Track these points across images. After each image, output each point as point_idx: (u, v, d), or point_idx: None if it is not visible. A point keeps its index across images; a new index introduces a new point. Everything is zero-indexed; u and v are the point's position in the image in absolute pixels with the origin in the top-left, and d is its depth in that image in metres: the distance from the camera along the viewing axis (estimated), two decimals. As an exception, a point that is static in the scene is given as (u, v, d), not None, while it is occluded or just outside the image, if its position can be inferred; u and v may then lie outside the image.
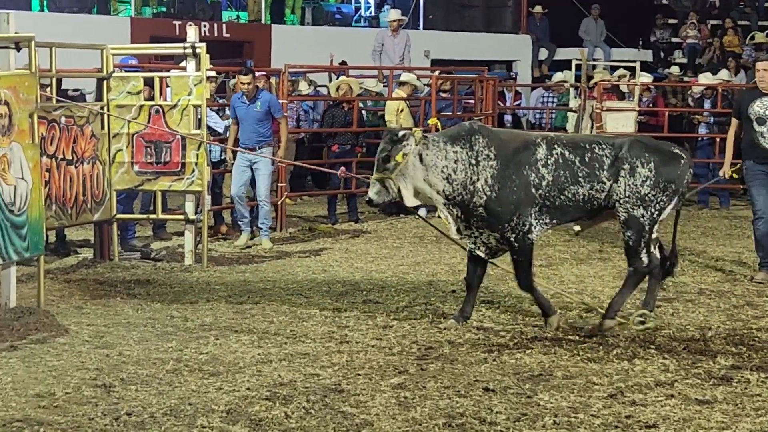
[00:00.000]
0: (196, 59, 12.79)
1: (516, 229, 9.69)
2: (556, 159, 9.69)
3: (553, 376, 8.31)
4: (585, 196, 9.73)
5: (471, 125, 10.02)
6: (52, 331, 9.60)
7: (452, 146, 9.65)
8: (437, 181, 9.63)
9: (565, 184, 9.67)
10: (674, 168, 9.79)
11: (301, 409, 7.46)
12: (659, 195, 9.69)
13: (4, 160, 9.76)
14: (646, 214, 9.68)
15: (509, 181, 9.62)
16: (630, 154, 9.68)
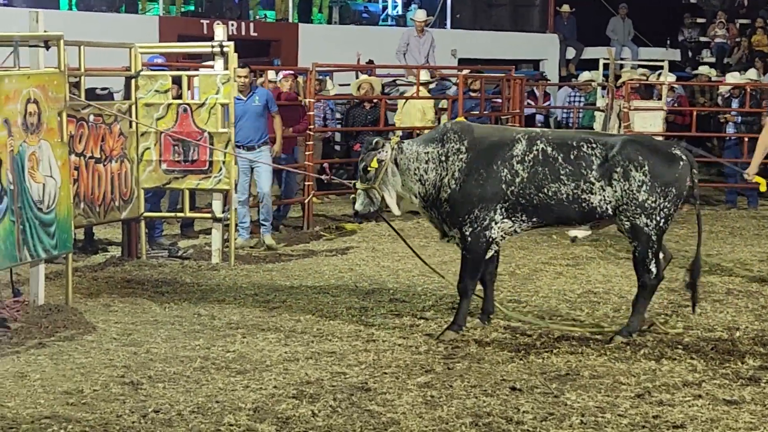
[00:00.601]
0: (224, 58, 12.81)
1: (474, 223, 9.42)
2: (536, 155, 9.36)
3: (580, 375, 8.30)
4: (569, 196, 9.32)
5: (446, 125, 10.03)
6: (80, 328, 9.64)
7: (425, 147, 9.58)
8: (412, 184, 9.57)
9: (543, 182, 9.31)
10: (672, 170, 9.32)
11: (327, 407, 7.48)
12: (661, 201, 9.27)
13: (33, 158, 9.81)
14: (651, 223, 9.26)
15: (476, 174, 9.39)
16: (622, 156, 9.25)
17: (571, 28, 29.04)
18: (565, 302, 10.89)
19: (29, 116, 9.76)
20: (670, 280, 12.06)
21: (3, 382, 7.97)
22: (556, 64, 28.77)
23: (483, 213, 9.40)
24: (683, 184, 9.39)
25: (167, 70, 14.02)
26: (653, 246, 9.36)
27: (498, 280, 11.66)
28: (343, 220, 16.77)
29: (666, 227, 9.42)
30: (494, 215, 9.42)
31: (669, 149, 9.54)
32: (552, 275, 12.31)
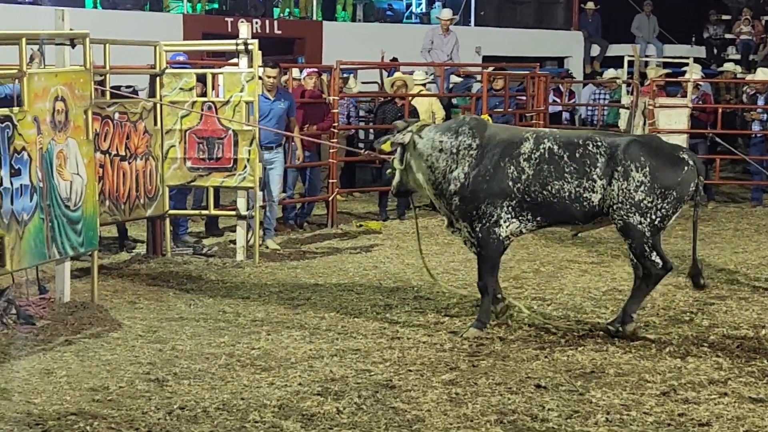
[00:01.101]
0: (248, 56, 12.83)
1: (482, 218, 9.46)
2: (542, 154, 9.36)
3: (605, 373, 8.28)
4: (571, 194, 9.29)
5: (464, 118, 10.11)
6: (106, 325, 9.68)
7: (440, 136, 9.67)
8: (424, 170, 9.70)
9: (548, 179, 9.31)
10: (675, 174, 9.21)
11: (352, 404, 7.48)
12: (657, 202, 9.17)
13: (61, 155, 9.86)
14: (645, 221, 9.18)
15: (485, 171, 9.42)
16: (625, 156, 9.20)
17: (596, 25, 28.97)
18: (589, 300, 10.86)
19: (57, 114, 9.82)
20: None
21: (29, 378, 8.01)
22: (581, 61, 28.72)
23: (490, 209, 9.43)
24: (686, 188, 9.26)
25: (189, 67, 14.04)
26: (647, 240, 9.25)
27: (522, 278, 11.74)
28: (368, 217, 16.77)
29: (662, 225, 9.30)
30: (500, 211, 9.43)
31: (676, 152, 9.46)
32: (577, 273, 12.28)
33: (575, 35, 29.05)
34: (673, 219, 9.39)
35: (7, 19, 19.36)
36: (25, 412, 7.24)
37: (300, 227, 15.55)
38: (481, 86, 17.75)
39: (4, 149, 9.09)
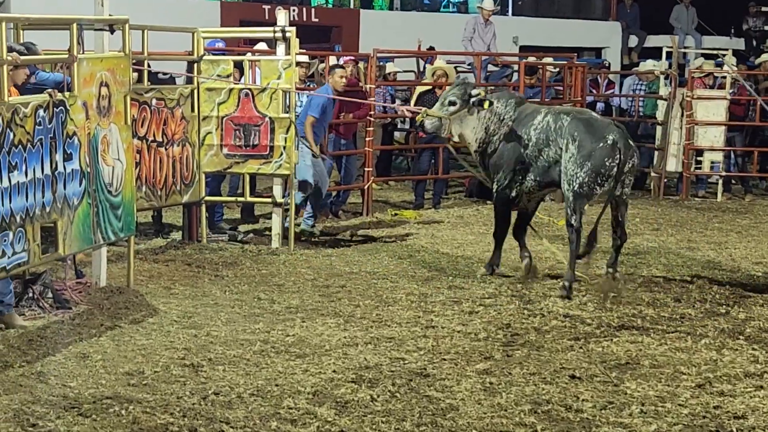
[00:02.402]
0: (286, 43, 12.84)
1: (500, 180, 11.32)
2: (541, 124, 11.04)
3: (640, 365, 8.26)
4: (552, 158, 10.91)
5: (512, 93, 12.41)
6: (142, 310, 9.72)
7: (496, 103, 11.32)
8: (480, 130, 11.35)
9: (541, 146, 10.98)
10: (597, 149, 10.64)
11: (386, 392, 7.49)
12: (579, 172, 10.63)
13: (105, 141, 9.91)
14: (570, 188, 10.72)
15: (510, 138, 11.18)
16: (569, 129, 10.81)
17: (635, 15, 28.84)
18: (625, 291, 10.80)
19: (102, 99, 9.87)
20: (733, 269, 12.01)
21: (66, 362, 8.06)
22: (619, 52, 28.60)
23: (507, 171, 11.23)
24: (601, 162, 10.65)
25: (227, 54, 14.06)
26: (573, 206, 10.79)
27: (558, 268, 11.68)
28: (403, 206, 16.77)
29: (585, 195, 10.73)
30: (515, 174, 11.21)
31: (603, 130, 10.83)
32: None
33: (613, 26, 28.94)
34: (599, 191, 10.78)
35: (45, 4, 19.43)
36: (61, 396, 7.29)
37: (335, 215, 15.56)
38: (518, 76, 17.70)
39: (59, 134, 9.15)
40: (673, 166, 18.59)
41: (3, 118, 8.37)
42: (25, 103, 8.75)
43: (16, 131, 8.53)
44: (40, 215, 8.92)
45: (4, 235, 8.42)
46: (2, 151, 8.35)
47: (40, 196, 8.90)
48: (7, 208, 8.43)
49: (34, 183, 8.80)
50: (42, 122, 8.91)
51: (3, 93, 8.49)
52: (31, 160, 8.74)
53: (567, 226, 10.92)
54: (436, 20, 26.17)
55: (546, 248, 12.10)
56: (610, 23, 29.05)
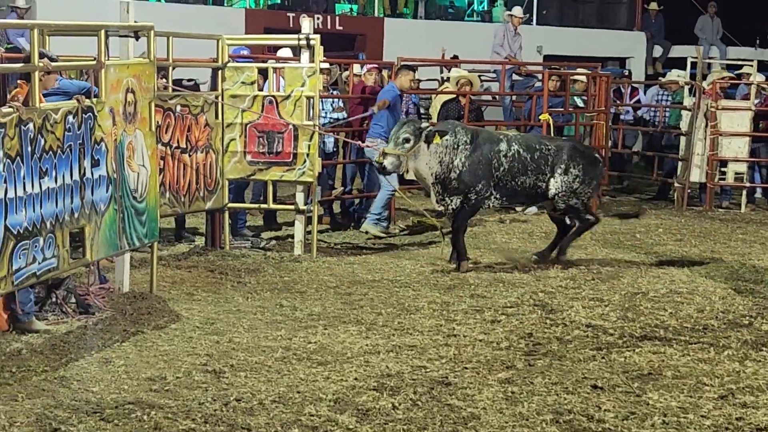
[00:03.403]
0: (310, 51, 12.86)
1: (470, 198, 12.29)
2: (512, 153, 12.41)
3: (662, 375, 8.23)
4: (529, 184, 12.53)
5: (452, 122, 13.15)
6: (164, 316, 9.74)
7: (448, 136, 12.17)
8: (435, 164, 12.12)
9: (516, 174, 12.44)
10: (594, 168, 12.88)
11: (408, 400, 7.49)
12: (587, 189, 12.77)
13: (131, 147, 9.95)
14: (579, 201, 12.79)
15: (478, 161, 12.22)
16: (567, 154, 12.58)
17: (659, 26, 28.76)
18: (648, 301, 10.78)
19: (128, 105, 9.91)
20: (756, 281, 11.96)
21: (88, 367, 8.09)
22: (643, 62, 28.52)
23: (479, 190, 12.29)
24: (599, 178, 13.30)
25: (252, 62, 14.10)
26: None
27: (581, 279, 11.68)
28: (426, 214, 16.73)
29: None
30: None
31: (593, 152, 13.32)
32: (635, 274, 12.19)
33: (638, 36, 28.86)
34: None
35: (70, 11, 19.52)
36: (84, 400, 7.31)
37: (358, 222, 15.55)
38: (542, 85, 17.67)
39: (87, 140, 9.19)
40: (697, 176, 18.51)
41: (35, 125, 8.40)
42: (56, 109, 8.79)
43: (47, 137, 8.57)
44: (69, 221, 8.96)
45: (35, 241, 8.45)
46: (34, 157, 8.39)
47: (69, 202, 8.94)
48: (38, 214, 8.47)
49: (64, 189, 8.83)
50: (71, 128, 8.95)
51: (35, 99, 8.53)
52: (60, 166, 8.78)
53: (583, 220, 12.76)
54: (460, 29, 26.15)
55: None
56: (634, 33, 28.98)
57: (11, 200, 8.10)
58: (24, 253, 8.31)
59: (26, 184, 8.29)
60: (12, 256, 8.14)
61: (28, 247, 8.36)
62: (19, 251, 8.24)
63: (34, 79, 8.53)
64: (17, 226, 8.20)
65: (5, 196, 8.03)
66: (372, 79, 16.22)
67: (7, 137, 8.07)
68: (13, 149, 8.13)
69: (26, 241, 8.31)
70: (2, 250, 8.03)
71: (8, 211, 8.07)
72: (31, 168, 8.34)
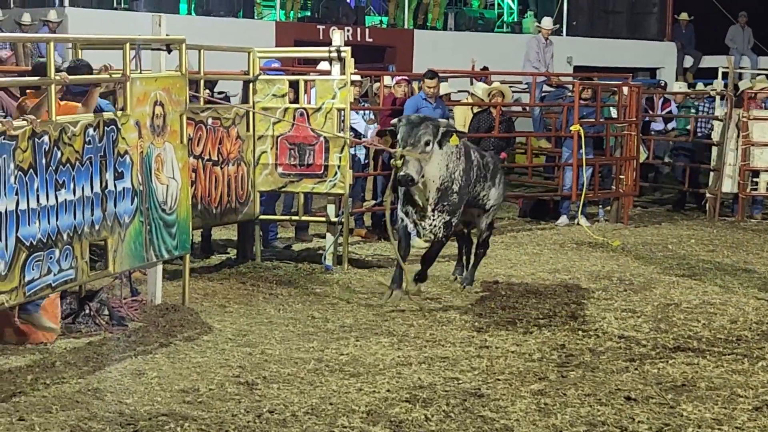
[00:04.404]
0: (341, 63, 12.87)
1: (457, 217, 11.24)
2: (476, 160, 11.45)
3: (696, 387, 8.19)
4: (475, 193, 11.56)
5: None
6: (197, 328, 9.76)
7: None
8: (443, 167, 10.81)
9: (477, 183, 11.51)
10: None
11: (440, 412, 7.48)
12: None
13: (159, 159, 9.98)
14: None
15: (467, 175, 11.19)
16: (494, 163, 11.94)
17: (690, 36, 28.67)
18: (681, 312, 10.75)
19: (156, 118, 9.94)
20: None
21: (121, 379, 8.11)
22: (674, 72, 28.43)
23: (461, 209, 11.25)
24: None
25: (282, 74, 14.12)
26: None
27: (612, 290, 11.65)
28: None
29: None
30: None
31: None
32: (667, 285, 12.15)
33: (669, 46, 28.80)
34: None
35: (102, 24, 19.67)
36: (117, 412, 7.33)
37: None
38: (573, 96, 17.63)
39: (110, 152, 9.22)
40: (729, 187, 18.43)
41: (50, 137, 8.44)
42: (74, 122, 8.83)
43: (63, 150, 8.60)
44: (89, 233, 8.99)
45: (49, 253, 8.49)
46: (49, 169, 8.43)
47: (89, 214, 8.97)
48: (53, 225, 8.50)
49: (83, 201, 8.86)
50: (92, 141, 8.98)
51: (51, 112, 8.57)
52: (79, 179, 8.80)
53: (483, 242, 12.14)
54: (489, 40, 26.16)
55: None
56: (665, 43, 28.92)
57: (23, 212, 8.14)
58: (38, 264, 8.35)
59: (40, 196, 8.33)
60: (24, 267, 8.18)
61: (42, 259, 8.39)
62: (32, 263, 8.28)
63: (51, 92, 8.57)
64: (30, 237, 8.23)
65: (17, 208, 8.07)
66: (401, 91, 16.20)
67: (19, 150, 8.10)
68: (26, 162, 8.17)
69: (40, 253, 8.35)
70: (14, 261, 8.07)
71: (20, 222, 8.12)
72: (45, 180, 8.38)
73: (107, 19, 21.28)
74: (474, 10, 27.71)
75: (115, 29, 16.26)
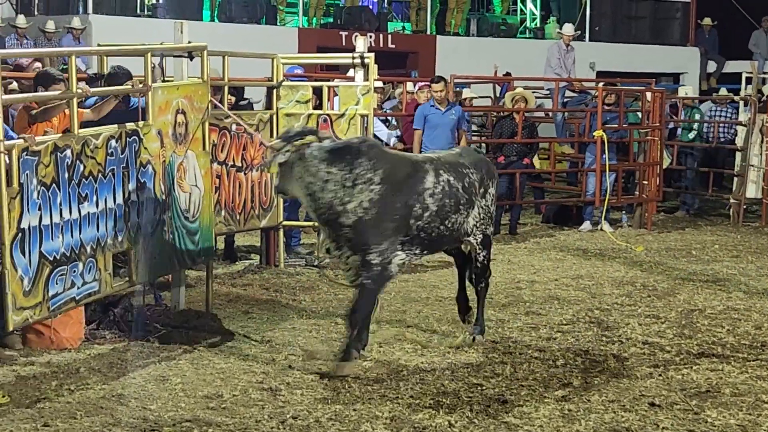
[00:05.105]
0: (364, 69, 12.88)
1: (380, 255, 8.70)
2: (440, 187, 8.99)
3: (721, 393, 8.16)
4: (459, 222, 9.27)
5: (360, 146, 8.76)
6: (220, 334, 9.78)
7: (328, 166, 8.51)
8: (314, 187, 8.50)
9: (447, 214, 9.08)
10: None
11: (464, 418, 7.47)
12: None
13: (181, 168, 10.00)
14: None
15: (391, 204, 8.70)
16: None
17: (713, 41, 28.59)
18: (705, 318, 10.71)
19: (178, 127, 9.97)
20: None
21: (145, 385, 8.13)
22: (697, 77, 28.34)
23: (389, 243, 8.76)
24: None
25: (306, 80, 14.14)
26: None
27: (636, 295, 11.63)
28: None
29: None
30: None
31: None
32: (691, 291, 12.12)
33: (692, 51, 28.72)
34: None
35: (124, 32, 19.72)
36: (141, 418, 7.35)
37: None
38: (596, 101, 17.62)
39: (132, 163, 9.25)
40: (753, 192, 18.37)
41: (73, 151, 8.47)
42: (96, 134, 8.86)
43: (86, 163, 8.64)
44: (112, 244, 9.02)
45: (73, 267, 8.52)
46: (72, 183, 8.46)
47: (112, 225, 9.01)
48: (77, 239, 8.54)
49: (106, 213, 8.90)
50: (114, 153, 9.01)
51: (74, 126, 8.60)
52: (102, 191, 8.84)
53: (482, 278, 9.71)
54: (512, 46, 26.15)
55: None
56: (688, 49, 28.84)
57: (46, 227, 8.18)
58: (61, 278, 8.38)
59: (63, 210, 8.37)
60: (48, 282, 8.21)
61: (66, 273, 8.42)
62: (56, 277, 8.31)
63: (72, 106, 8.60)
64: (53, 252, 8.28)
65: (40, 224, 8.10)
66: (424, 97, 16.22)
67: (42, 165, 8.14)
68: (49, 176, 8.21)
69: (63, 267, 8.38)
70: (38, 276, 8.10)
71: (43, 238, 8.15)
72: (68, 194, 8.41)
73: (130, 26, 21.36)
74: (496, 16, 27.68)
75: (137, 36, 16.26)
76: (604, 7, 28.40)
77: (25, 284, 7.98)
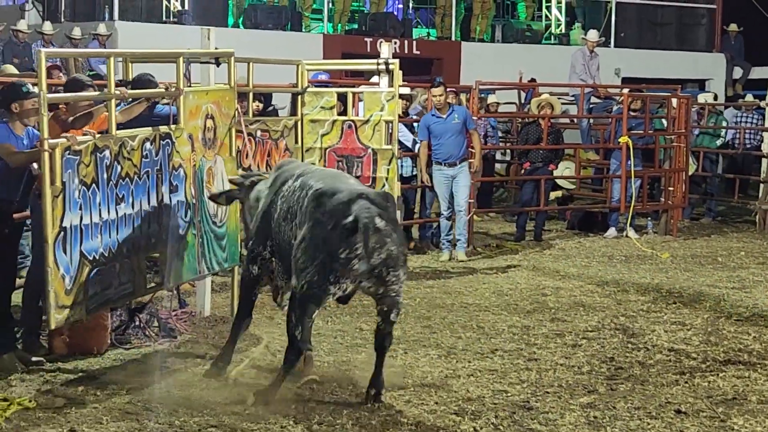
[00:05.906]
0: (389, 75, 12.88)
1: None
2: (288, 189, 8.23)
3: (747, 400, 8.14)
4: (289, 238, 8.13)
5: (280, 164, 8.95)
6: (245, 339, 9.77)
7: (257, 193, 8.71)
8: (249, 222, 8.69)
9: (282, 220, 8.24)
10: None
11: (489, 424, 7.47)
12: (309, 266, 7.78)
13: (210, 172, 10.04)
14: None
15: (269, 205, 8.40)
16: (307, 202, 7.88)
17: (739, 47, 28.47)
18: (731, 325, 10.67)
19: (207, 131, 10.01)
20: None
21: (171, 390, 8.14)
22: (723, 84, 28.23)
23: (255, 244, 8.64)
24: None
25: (331, 87, 14.16)
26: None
27: (662, 303, 11.60)
28: (504, 238, 16.72)
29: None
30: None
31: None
32: (717, 297, 12.07)
33: (717, 57, 28.60)
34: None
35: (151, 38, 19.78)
36: (167, 423, 7.38)
37: (436, 246, 15.54)
38: (621, 107, 17.58)
39: (165, 166, 9.30)
40: (779, 199, 18.30)
41: (111, 151, 8.52)
42: (132, 136, 8.90)
43: (123, 164, 8.69)
44: (146, 246, 9.06)
45: (110, 267, 8.56)
46: (110, 183, 8.50)
47: (146, 227, 9.05)
48: (114, 239, 8.58)
49: (140, 215, 8.94)
50: (149, 155, 9.06)
51: (111, 127, 8.64)
52: (137, 193, 8.89)
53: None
54: (537, 52, 26.08)
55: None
56: (714, 55, 28.73)
57: (86, 226, 8.24)
58: (100, 278, 8.42)
59: (102, 210, 8.42)
60: (87, 282, 8.25)
61: (104, 273, 8.46)
62: (95, 277, 8.35)
63: (111, 107, 8.65)
64: (93, 252, 8.33)
65: (80, 223, 8.15)
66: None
67: (83, 164, 8.20)
68: (89, 176, 8.27)
69: (102, 267, 8.42)
70: (78, 275, 8.14)
71: (84, 237, 8.21)
72: (107, 194, 8.46)
73: (156, 32, 21.40)
74: (521, 22, 27.62)
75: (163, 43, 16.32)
76: (629, 13, 28.31)
77: (66, 283, 8.04)
